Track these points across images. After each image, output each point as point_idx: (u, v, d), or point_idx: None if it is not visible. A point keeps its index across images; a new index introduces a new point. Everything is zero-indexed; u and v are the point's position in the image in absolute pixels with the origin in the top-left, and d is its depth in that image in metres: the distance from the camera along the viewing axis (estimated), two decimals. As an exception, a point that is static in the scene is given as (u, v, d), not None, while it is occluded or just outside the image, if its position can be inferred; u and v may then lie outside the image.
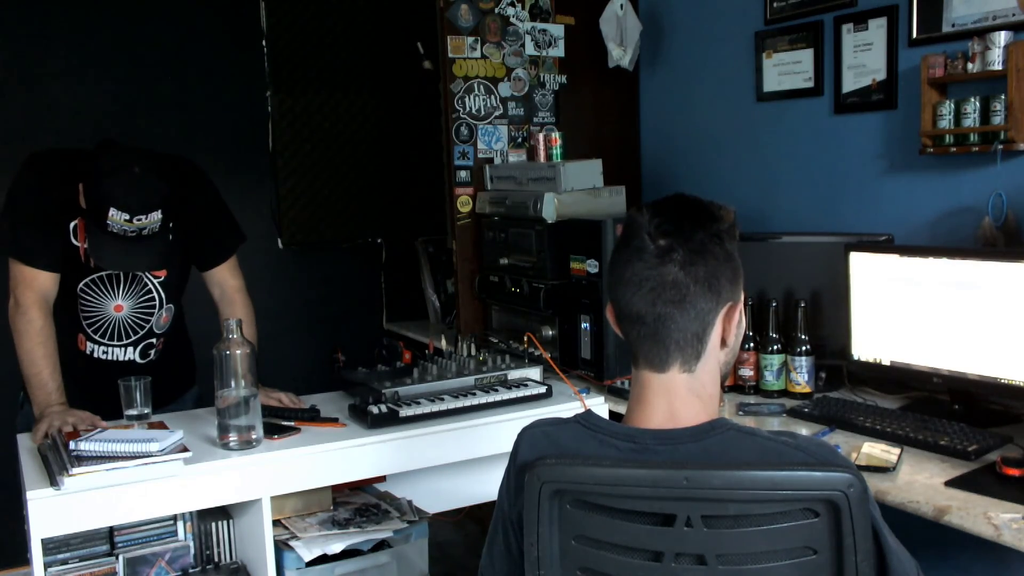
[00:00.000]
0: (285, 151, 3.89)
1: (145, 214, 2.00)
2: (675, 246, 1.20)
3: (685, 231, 1.21)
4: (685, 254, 1.20)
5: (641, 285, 1.21)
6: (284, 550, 2.01)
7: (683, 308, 1.20)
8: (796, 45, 2.87)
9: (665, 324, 1.21)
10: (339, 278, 4.11)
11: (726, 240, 1.23)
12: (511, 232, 2.94)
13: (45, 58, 3.45)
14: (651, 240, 1.21)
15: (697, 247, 1.20)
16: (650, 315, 1.21)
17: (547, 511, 1.17)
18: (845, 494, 1.08)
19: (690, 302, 1.20)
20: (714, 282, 1.21)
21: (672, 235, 1.20)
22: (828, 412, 2.14)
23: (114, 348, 2.30)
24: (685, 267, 1.20)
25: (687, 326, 1.21)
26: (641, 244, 1.21)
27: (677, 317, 1.21)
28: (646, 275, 1.20)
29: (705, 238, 1.21)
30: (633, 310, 1.22)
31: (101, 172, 2.01)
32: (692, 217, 1.23)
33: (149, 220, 2.02)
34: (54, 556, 1.89)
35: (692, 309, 1.21)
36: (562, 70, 3.34)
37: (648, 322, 1.21)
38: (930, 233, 2.49)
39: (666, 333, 1.21)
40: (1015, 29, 2.23)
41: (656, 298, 1.20)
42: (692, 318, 1.21)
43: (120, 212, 1.98)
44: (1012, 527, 1.52)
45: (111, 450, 1.83)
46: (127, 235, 2.01)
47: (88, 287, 2.22)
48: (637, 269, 1.21)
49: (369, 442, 2.10)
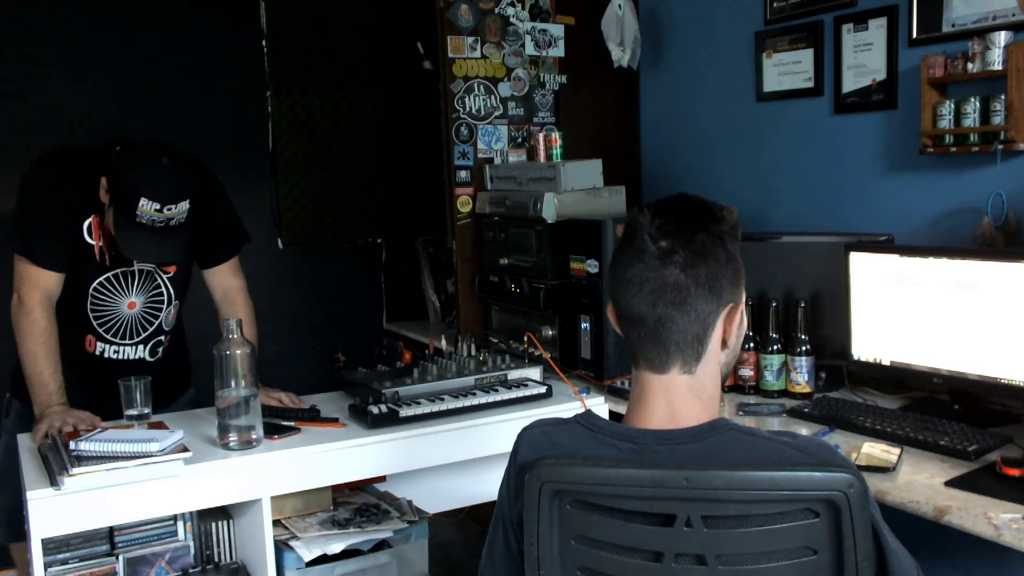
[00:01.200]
0: (285, 151, 3.89)
1: (175, 204, 2.01)
2: (676, 247, 1.19)
3: (687, 232, 1.20)
4: (686, 255, 1.19)
5: (642, 286, 1.20)
6: (284, 550, 2.01)
7: (684, 310, 1.20)
8: (796, 45, 2.87)
9: (666, 326, 1.21)
10: (339, 278, 4.11)
11: (728, 241, 1.23)
12: (511, 232, 2.94)
13: (45, 58, 3.45)
14: (652, 241, 1.20)
15: (699, 248, 1.20)
16: (651, 317, 1.21)
17: (547, 511, 1.17)
18: (845, 494, 1.08)
19: (691, 304, 1.20)
20: (715, 284, 1.21)
21: (673, 236, 1.20)
22: (828, 412, 2.14)
23: (125, 347, 2.30)
24: (686, 269, 1.19)
25: (688, 328, 1.21)
26: (642, 245, 1.21)
27: (678, 319, 1.20)
28: (647, 276, 1.20)
29: (707, 239, 1.21)
30: (634, 311, 1.22)
31: (128, 164, 2.02)
32: (694, 218, 1.23)
33: (178, 210, 2.03)
34: (54, 556, 1.89)
35: (693, 311, 1.20)
36: (562, 70, 3.33)
37: (649, 323, 1.21)
38: (930, 233, 2.49)
39: (667, 335, 1.21)
40: (1015, 29, 2.23)
41: (657, 300, 1.20)
42: (693, 320, 1.21)
43: (151, 202, 1.98)
44: (1012, 527, 1.52)
45: (111, 450, 1.83)
46: (156, 226, 2.02)
47: (102, 285, 2.21)
48: (638, 270, 1.21)
49: (369, 442, 2.10)
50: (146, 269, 2.25)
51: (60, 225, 2.14)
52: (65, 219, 2.14)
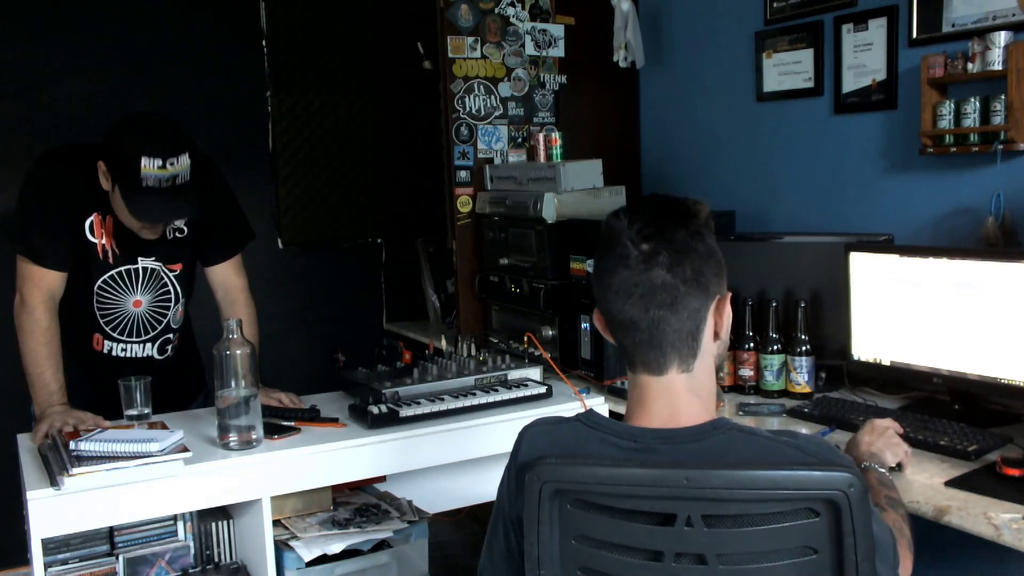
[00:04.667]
0: (285, 151, 3.88)
1: (176, 156, 2.00)
2: (659, 248, 1.20)
3: (667, 232, 1.21)
4: (670, 255, 1.20)
5: (631, 292, 1.21)
6: (284, 550, 2.01)
7: (676, 310, 1.20)
8: (796, 45, 2.87)
9: (660, 328, 1.21)
10: (339, 278, 4.11)
11: (706, 235, 1.23)
12: (511, 232, 2.94)
13: (45, 58, 3.45)
14: (634, 245, 1.20)
15: (681, 247, 1.20)
16: (644, 321, 1.21)
17: (547, 511, 1.17)
18: (845, 494, 1.08)
19: (682, 302, 1.20)
20: (701, 279, 1.21)
21: (654, 238, 1.20)
22: (828, 412, 2.14)
23: (132, 345, 2.30)
24: (672, 268, 1.19)
25: (681, 326, 1.21)
26: (624, 251, 1.21)
27: (671, 319, 1.21)
28: (635, 281, 1.20)
29: (687, 236, 1.21)
30: (626, 317, 1.22)
31: (121, 132, 2.03)
32: (671, 217, 1.23)
33: (180, 165, 2.01)
34: (54, 556, 1.89)
35: (684, 309, 1.21)
36: (562, 70, 3.33)
37: (643, 328, 1.21)
38: (930, 233, 2.49)
39: (661, 336, 1.21)
40: (1015, 29, 2.23)
41: (648, 303, 1.20)
42: (685, 318, 1.21)
43: (153, 160, 1.97)
44: (1012, 527, 1.52)
45: (111, 450, 1.83)
46: (163, 186, 2.00)
47: (107, 284, 2.21)
48: (624, 276, 1.21)
49: (369, 442, 2.10)
50: (151, 267, 2.25)
51: (61, 224, 2.13)
52: (67, 218, 2.13)
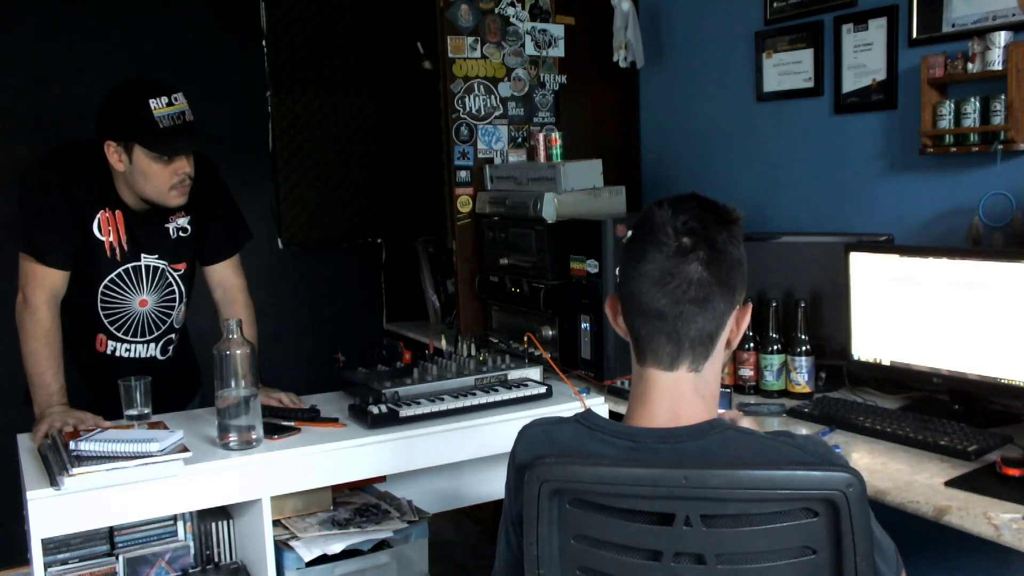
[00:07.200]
0: (285, 151, 3.89)
1: (175, 93, 2.08)
2: (699, 244, 1.19)
3: (709, 231, 1.20)
4: (708, 253, 1.19)
5: (664, 281, 1.19)
6: (284, 550, 2.01)
7: (704, 307, 1.20)
8: (796, 45, 2.87)
9: (685, 322, 1.20)
10: (339, 278, 4.11)
11: (740, 243, 1.24)
12: (511, 232, 2.94)
13: (45, 58, 3.45)
14: (676, 236, 1.20)
15: (720, 248, 1.20)
16: (671, 312, 1.20)
17: (546, 510, 1.17)
18: (844, 494, 1.08)
19: (711, 302, 1.20)
20: (732, 283, 1.21)
21: (697, 233, 1.20)
22: (828, 412, 2.14)
23: (137, 345, 2.30)
24: (709, 266, 1.19)
25: (704, 325, 1.21)
26: (665, 239, 1.20)
27: (697, 316, 1.20)
28: (669, 271, 1.19)
29: (727, 239, 1.21)
30: (653, 305, 1.21)
31: (115, 101, 2.09)
32: (714, 217, 1.23)
33: (182, 101, 2.09)
34: (54, 556, 1.89)
35: (712, 309, 1.20)
36: (562, 70, 3.33)
37: (668, 319, 1.20)
38: (930, 233, 2.49)
39: (684, 331, 1.21)
40: (1015, 29, 2.23)
41: (681, 295, 1.19)
42: (710, 318, 1.21)
43: (158, 99, 2.05)
44: (1012, 527, 1.52)
45: (111, 450, 1.83)
46: (177, 123, 2.06)
47: (113, 283, 2.21)
48: (660, 263, 1.20)
49: (369, 442, 2.10)
50: (156, 266, 2.25)
51: (66, 222, 2.12)
52: (70, 216, 2.13)
